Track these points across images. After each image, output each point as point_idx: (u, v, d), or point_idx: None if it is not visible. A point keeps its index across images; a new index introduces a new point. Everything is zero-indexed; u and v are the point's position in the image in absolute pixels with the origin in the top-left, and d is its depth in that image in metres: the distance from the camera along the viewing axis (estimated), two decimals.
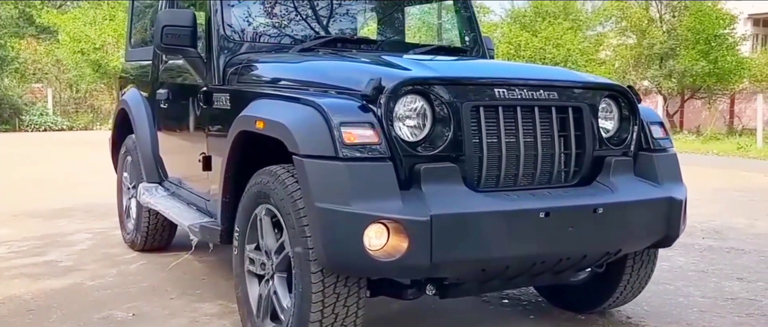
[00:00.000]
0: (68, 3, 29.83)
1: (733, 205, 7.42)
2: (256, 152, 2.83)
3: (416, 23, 4.73)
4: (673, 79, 21.48)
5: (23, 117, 22.43)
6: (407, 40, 4.41)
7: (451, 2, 4.21)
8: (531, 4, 27.57)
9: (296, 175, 2.43)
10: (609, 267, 3.16)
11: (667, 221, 2.81)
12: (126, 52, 5.22)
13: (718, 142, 17.35)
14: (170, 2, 4.10)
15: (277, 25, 3.67)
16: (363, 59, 3.03)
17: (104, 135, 8.48)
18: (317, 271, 2.39)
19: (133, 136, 4.56)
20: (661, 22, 22.42)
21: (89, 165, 10.34)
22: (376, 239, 2.27)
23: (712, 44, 21.31)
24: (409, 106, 2.49)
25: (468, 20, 4.13)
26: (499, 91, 2.62)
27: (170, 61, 4.02)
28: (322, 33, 3.73)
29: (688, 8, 21.60)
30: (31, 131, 21.72)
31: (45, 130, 22.17)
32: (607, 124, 2.95)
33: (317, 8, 3.83)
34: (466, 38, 4.11)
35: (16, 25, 26.53)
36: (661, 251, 4.85)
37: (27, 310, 3.46)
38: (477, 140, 2.56)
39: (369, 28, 4.40)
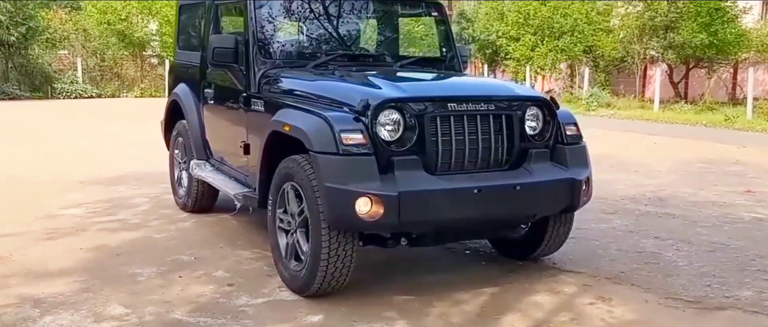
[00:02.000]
0: None
1: (688, 176, 8.57)
2: (282, 145, 4.05)
3: (408, 32, 5.89)
4: (675, 51, 22.32)
5: (55, 85, 23.81)
6: (401, 43, 5.62)
7: (433, 19, 5.38)
8: None
9: (311, 164, 3.67)
10: (535, 226, 4.39)
11: (570, 195, 4.03)
12: (175, 53, 6.45)
13: (710, 114, 18.32)
14: (214, 20, 5.30)
15: (297, 44, 4.90)
16: (357, 80, 4.23)
17: (131, 103, 9.50)
18: (325, 227, 3.64)
19: (184, 121, 5.82)
20: None
21: (126, 137, 11.67)
22: (364, 207, 3.51)
23: (714, 16, 22.11)
24: (388, 116, 3.70)
25: (445, 34, 5.32)
26: (451, 105, 3.83)
27: (216, 69, 5.24)
28: (334, 47, 4.97)
29: None
30: (63, 98, 23.12)
31: (75, 97, 23.56)
32: (533, 124, 4.14)
33: (329, 28, 5.03)
34: (444, 50, 5.31)
35: None
36: (604, 214, 6.13)
37: (117, 254, 4.76)
38: (434, 139, 3.77)
39: (371, 38, 5.58)
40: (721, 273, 4.53)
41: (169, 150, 6.38)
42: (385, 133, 3.70)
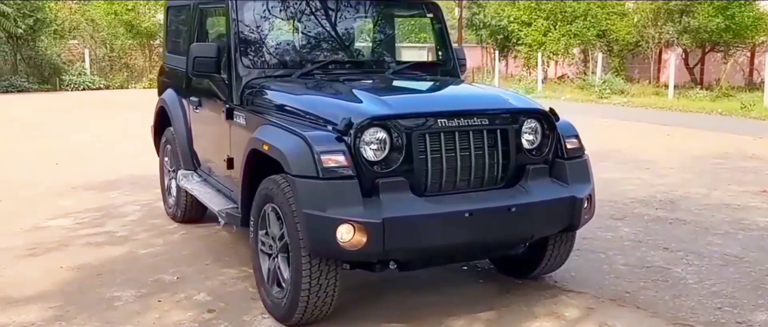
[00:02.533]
0: None
1: (701, 173, 8.26)
2: (264, 162, 3.80)
3: (404, 31, 5.60)
4: (690, 35, 21.83)
5: (63, 77, 23.71)
6: (395, 47, 5.34)
7: (428, 20, 5.10)
8: None
9: (290, 187, 3.42)
10: (535, 245, 4.13)
11: (570, 214, 3.77)
12: (164, 56, 6.22)
13: (726, 101, 17.86)
14: (199, 22, 5.05)
15: (283, 51, 4.65)
16: (341, 94, 3.96)
17: (140, 95, 9.31)
18: (306, 254, 3.41)
19: (172, 128, 5.60)
20: None
21: (129, 130, 11.44)
22: (346, 234, 3.27)
23: (730, 1, 21.56)
24: (373, 135, 3.45)
25: (441, 37, 5.03)
26: (441, 121, 3.57)
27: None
28: (323, 53, 4.70)
29: None
30: (71, 90, 23.03)
31: (83, 89, 23.46)
32: (531, 138, 3.87)
33: (317, 34, 4.77)
34: (439, 53, 5.03)
35: None
36: (612, 221, 5.86)
37: (97, 274, 4.56)
38: (423, 158, 3.52)
39: (364, 46, 5.30)
40: (733, 292, 4.26)
41: (159, 156, 6.17)
42: (369, 153, 3.45)
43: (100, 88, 23.64)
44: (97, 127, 12.85)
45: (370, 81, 4.40)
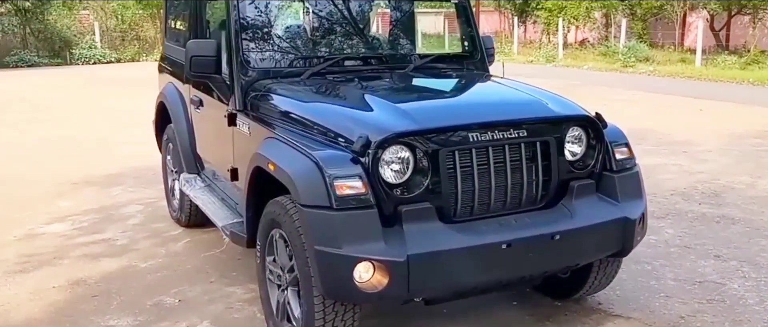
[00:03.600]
0: None
1: (742, 158, 7.71)
2: (270, 179, 3.33)
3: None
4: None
5: (73, 50, 23.30)
6: (416, 38, 4.80)
7: (452, 7, 4.55)
8: None
9: (299, 215, 2.95)
10: (578, 268, 3.65)
11: (621, 238, 3.28)
12: (163, 44, 5.73)
13: (756, 69, 17.11)
14: (198, 18, 4.55)
15: (290, 49, 4.12)
16: (357, 101, 3.42)
17: (151, 70, 8.74)
18: (319, 294, 2.96)
19: (173, 126, 5.13)
20: None
21: (136, 110, 10.95)
22: (365, 273, 2.81)
23: None
24: (394, 154, 2.96)
25: (467, 26, 4.49)
26: (472, 136, 3.06)
27: None
28: (336, 48, 4.18)
29: None
30: (82, 64, 22.64)
31: (94, 62, 23.09)
32: (575, 148, 3.37)
33: (329, 25, 4.26)
34: (466, 44, 4.50)
35: None
36: (653, 220, 5.36)
37: (92, 295, 4.16)
38: (453, 179, 3.03)
39: (380, 34, 4.77)
40: None
41: (161, 154, 5.72)
42: (390, 175, 2.96)
43: (111, 62, 23.24)
44: (103, 106, 12.45)
45: (389, 81, 3.89)
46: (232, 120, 3.87)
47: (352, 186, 2.86)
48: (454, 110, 3.43)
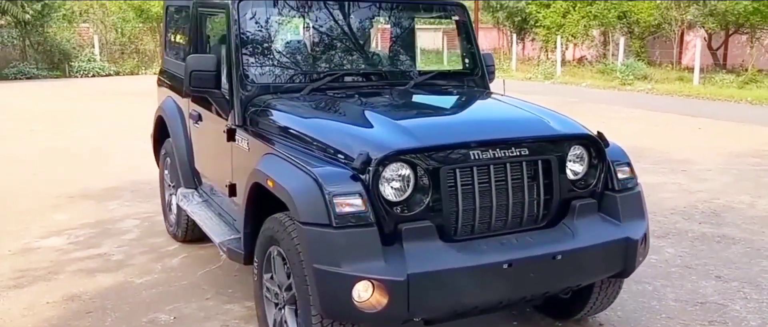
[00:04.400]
0: None
1: (741, 177, 7.68)
2: (268, 196, 3.29)
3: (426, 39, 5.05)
4: (716, 17, 21.05)
5: (72, 63, 23.28)
6: (416, 54, 4.78)
7: (452, 23, 4.54)
8: None
9: (297, 233, 2.91)
10: (579, 288, 3.61)
11: (623, 259, 3.25)
12: (162, 59, 5.71)
13: (754, 87, 17.14)
14: (197, 33, 4.52)
15: (291, 64, 4.10)
16: (357, 118, 3.40)
17: (150, 83, 8.72)
18: (316, 314, 2.91)
19: (171, 140, 5.09)
20: None
21: (135, 123, 10.90)
22: (364, 293, 2.77)
23: None
24: (395, 172, 2.93)
25: (468, 43, 4.48)
26: (473, 153, 3.04)
27: None
28: (336, 64, 4.16)
29: None
30: (81, 77, 22.61)
31: (93, 75, 23.05)
32: (577, 167, 3.34)
33: (330, 41, 4.23)
34: (467, 61, 4.48)
35: None
36: (654, 239, 5.32)
37: (86, 311, 4.10)
38: (453, 197, 3.00)
39: (381, 50, 4.76)
40: None
41: (159, 168, 5.68)
42: (390, 192, 2.93)
43: (110, 75, 23.21)
44: (102, 118, 12.42)
45: (389, 98, 3.87)
46: (231, 135, 3.84)
47: (351, 204, 2.83)
48: (455, 128, 3.40)
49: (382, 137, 3.07)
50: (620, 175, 3.43)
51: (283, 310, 3.26)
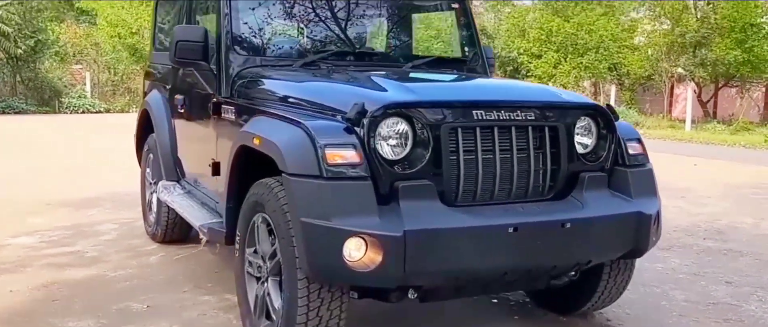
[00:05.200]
0: None
1: (742, 203, 7.48)
2: (256, 163, 3.06)
3: (423, 31, 4.90)
4: (706, 68, 21.23)
5: (62, 99, 23.09)
6: (415, 45, 4.61)
7: (452, 14, 4.38)
8: None
9: (286, 190, 2.67)
10: (586, 273, 3.36)
11: (635, 235, 3.00)
12: (150, 55, 5.52)
13: (748, 134, 17.15)
14: (188, 16, 4.36)
15: (284, 39, 3.91)
16: (353, 80, 3.24)
17: None
18: (303, 277, 2.64)
19: (155, 135, 4.86)
20: (695, 10, 22.11)
21: (120, 147, 10.61)
22: (356, 251, 2.51)
23: (749, 33, 20.98)
24: (392, 127, 2.71)
25: (467, 31, 4.32)
26: (477, 113, 2.82)
27: (187, 69, 4.28)
28: (329, 45, 3.98)
29: None
30: (70, 113, 22.38)
31: (83, 112, 22.79)
32: (585, 140, 3.13)
33: (325, 21, 4.06)
34: (466, 49, 4.31)
35: (56, 10, 27.12)
36: (658, 251, 5.08)
37: (53, 299, 3.79)
38: (454, 159, 2.77)
39: (377, 38, 4.59)
40: None
41: (141, 168, 5.42)
42: (387, 150, 2.70)
43: (100, 112, 22.99)
44: (88, 144, 12.15)
45: (390, 71, 3.66)
46: (216, 109, 3.62)
47: (344, 156, 2.59)
48: (458, 89, 3.20)
49: (379, 92, 2.86)
50: (631, 151, 3.22)
51: (266, 284, 2.98)
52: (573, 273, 3.22)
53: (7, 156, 10.30)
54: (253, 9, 3.81)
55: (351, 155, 2.59)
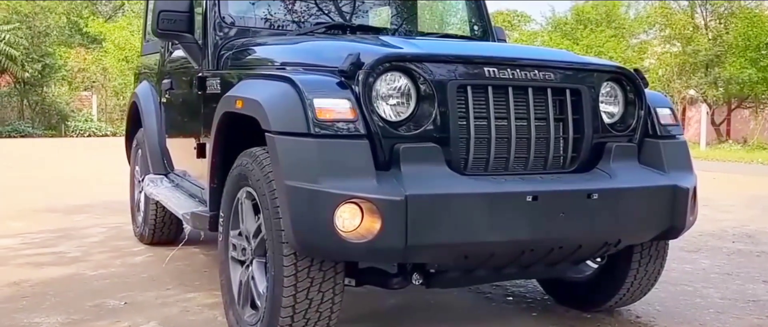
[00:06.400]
0: (118, 14, 30.53)
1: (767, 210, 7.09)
2: (243, 136, 2.73)
3: (428, 13, 4.59)
4: (719, 88, 20.85)
5: (69, 123, 22.94)
6: (420, 25, 4.30)
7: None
8: (572, 11, 27.18)
9: (271, 152, 2.34)
10: (615, 261, 2.99)
11: (671, 211, 2.63)
12: (141, 48, 5.24)
13: (764, 152, 16.72)
14: None
15: (277, 12, 3.60)
16: (350, 38, 2.93)
17: None
18: (290, 253, 2.29)
19: (143, 128, 4.55)
20: (706, 30, 21.82)
21: (121, 166, 10.40)
22: (350, 220, 2.16)
23: (763, 52, 20.60)
24: (391, 83, 2.38)
25: (477, 9, 4.00)
26: (488, 70, 2.48)
27: (175, 52, 3.99)
28: (324, 15, 3.66)
29: (737, 15, 20.92)
30: (76, 136, 22.20)
31: (89, 135, 22.64)
32: (611, 108, 2.78)
33: None
34: (476, 28, 3.99)
35: (64, 35, 27.11)
36: (685, 253, 4.70)
37: (22, 296, 3.45)
38: (464, 121, 2.43)
39: (381, 18, 4.29)
40: None
41: (130, 166, 5.10)
42: (387, 110, 2.36)
43: (106, 135, 22.81)
44: (89, 160, 11.89)
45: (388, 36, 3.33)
46: (201, 84, 3.30)
47: (336, 110, 2.25)
48: (466, 46, 2.86)
49: (378, 46, 2.53)
50: (662, 120, 2.86)
51: (250, 267, 2.62)
52: (600, 258, 2.84)
53: (2, 170, 10.02)
54: None
55: (344, 110, 2.25)
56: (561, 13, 30.87)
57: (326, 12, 3.67)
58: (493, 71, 2.49)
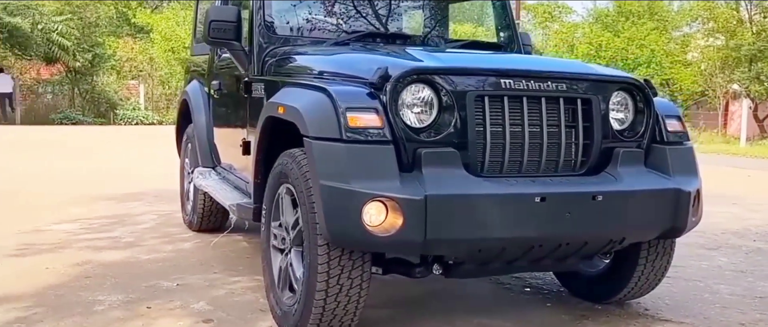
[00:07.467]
0: (164, 4, 31.29)
1: None
2: (284, 138, 3.04)
3: (459, 19, 4.84)
4: (763, 83, 20.54)
5: (117, 111, 23.73)
6: (450, 35, 4.56)
7: (489, 2, 4.32)
8: (614, 3, 26.94)
9: (308, 155, 2.64)
10: (623, 257, 3.23)
11: (673, 212, 2.86)
12: (191, 47, 5.61)
13: None
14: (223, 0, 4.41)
15: (316, 22, 3.91)
16: (380, 51, 3.22)
17: None
18: (323, 244, 2.60)
19: (193, 124, 4.91)
20: (750, 24, 21.47)
21: (171, 156, 10.87)
22: (376, 216, 2.46)
23: None
24: (416, 94, 2.66)
25: (504, 17, 4.25)
26: (504, 82, 2.74)
27: (223, 55, 4.32)
28: (361, 24, 3.96)
29: None
30: (124, 125, 22.97)
31: (136, 123, 23.38)
32: (621, 116, 3.02)
33: (358, 5, 4.04)
34: (502, 34, 4.23)
35: (113, 25, 27.90)
36: (705, 250, 4.89)
37: (86, 276, 3.84)
38: (481, 129, 2.69)
39: (412, 25, 4.56)
40: None
41: (180, 158, 5.49)
42: (411, 117, 2.65)
43: (153, 123, 23.53)
44: (138, 150, 12.43)
45: (423, 47, 3.61)
46: (247, 88, 3.63)
47: (365, 119, 2.55)
48: (485, 59, 3.13)
49: (404, 60, 2.82)
50: (670, 128, 3.09)
51: (289, 255, 2.95)
52: (606, 254, 3.09)
53: (56, 158, 10.60)
54: None
55: (372, 119, 2.55)
56: (603, 5, 30.63)
57: (364, 15, 3.96)
58: (509, 83, 2.75)
